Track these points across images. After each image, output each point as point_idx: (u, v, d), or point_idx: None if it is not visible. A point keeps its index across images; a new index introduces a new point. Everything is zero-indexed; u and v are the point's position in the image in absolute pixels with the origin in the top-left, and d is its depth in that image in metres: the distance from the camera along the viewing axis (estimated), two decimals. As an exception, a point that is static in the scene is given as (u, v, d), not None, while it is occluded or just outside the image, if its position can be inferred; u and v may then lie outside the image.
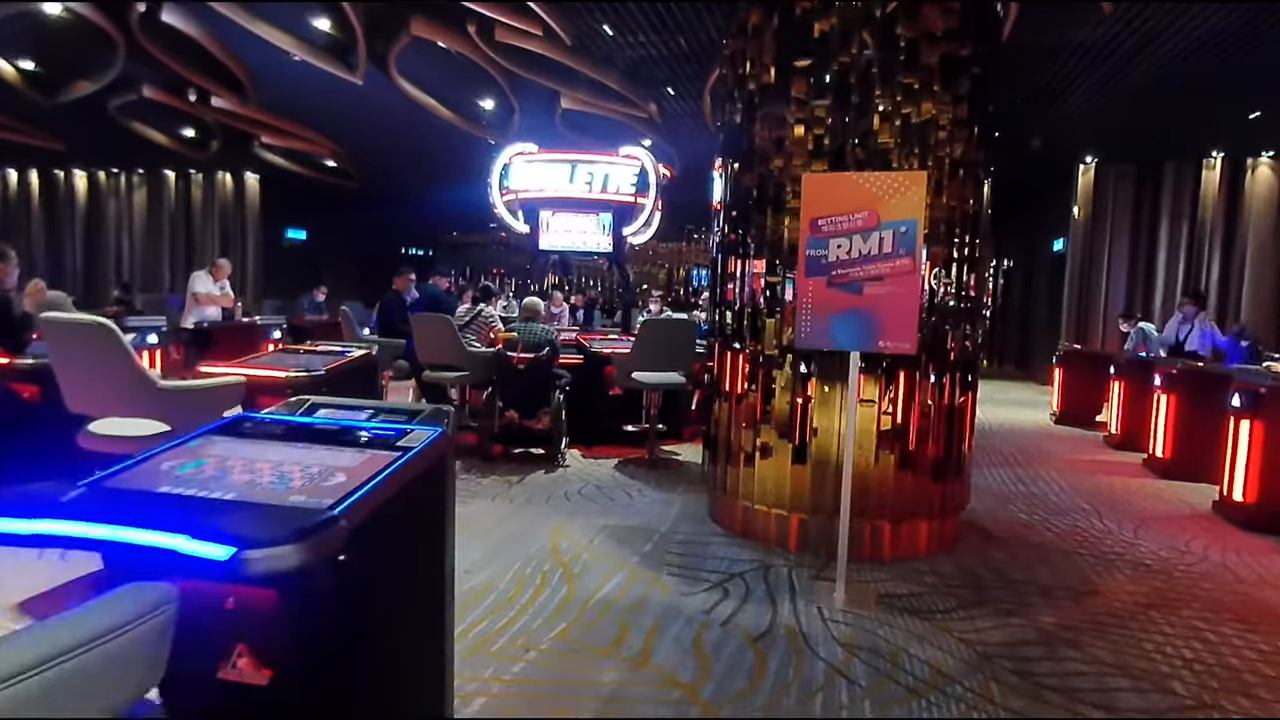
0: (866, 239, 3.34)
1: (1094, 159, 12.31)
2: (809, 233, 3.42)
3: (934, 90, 3.99)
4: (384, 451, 1.76)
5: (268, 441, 1.82)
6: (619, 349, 6.50)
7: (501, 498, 5.03)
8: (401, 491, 1.65)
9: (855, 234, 3.35)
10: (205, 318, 8.82)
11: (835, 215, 3.37)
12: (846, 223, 3.36)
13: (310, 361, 4.11)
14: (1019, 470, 6.49)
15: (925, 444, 4.07)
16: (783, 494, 4.17)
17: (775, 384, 4.18)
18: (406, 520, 1.75)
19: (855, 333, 3.38)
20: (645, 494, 5.26)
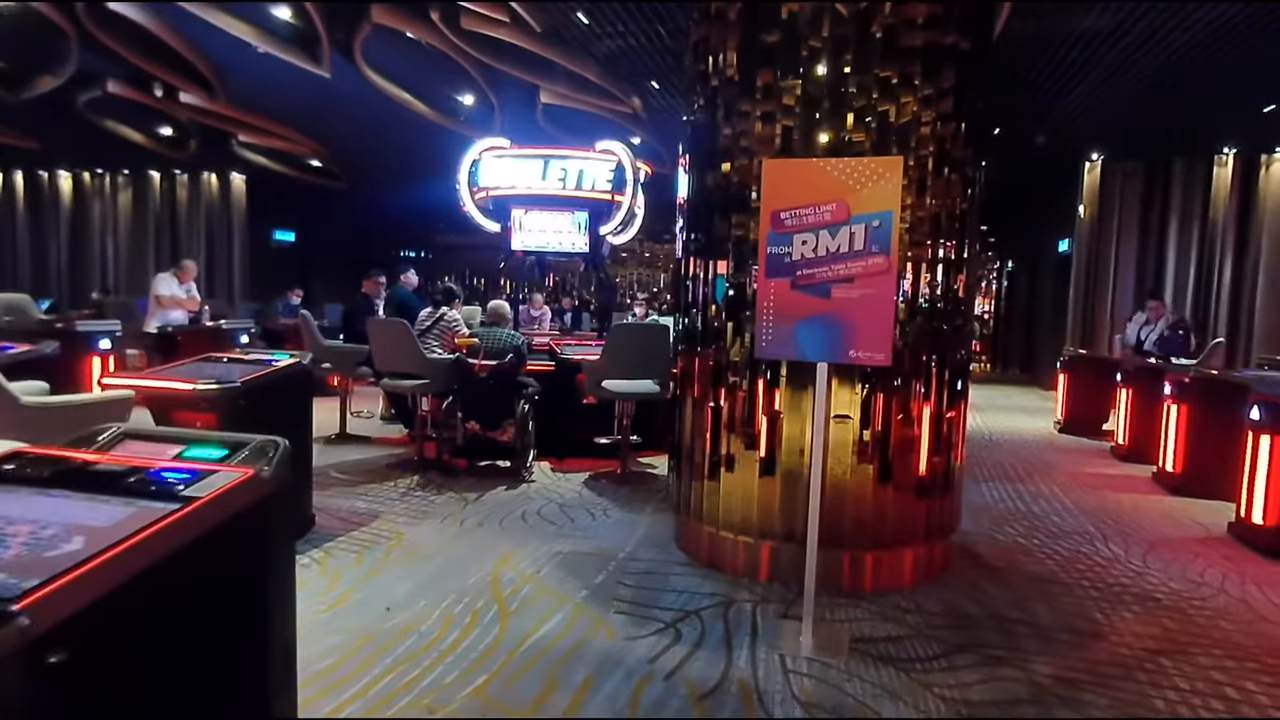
0: (835, 235, 2.93)
1: (1100, 156, 11.85)
2: (769, 227, 3.01)
3: (915, 83, 3.58)
4: (158, 504, 1.36)
5: (21, 488, 1.43)
6: (591, 356, 6.09)
7: (452, 519, 4.63)
8: (171, 558, 1.27)
9: (822, 229, 2.94)
10: (169, 321, 8.48)
11: (799, 207, 2.96)
12: (812, 215, 2.95)
13: (228, 372, 3.72)
14: (1019, 486, 6.05)
15: (909, 461, 3.66)
16: (750, 518, 3.75)
17: (740, 392, 3.77)
18: (184, 595, 1.36)
19: (823, 342, 2.97)
20: (610, 514, 4.86)
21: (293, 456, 1.77)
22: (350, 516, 4.59)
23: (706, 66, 3.95)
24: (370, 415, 7.41)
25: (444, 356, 5.92)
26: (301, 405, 4.13)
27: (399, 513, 4.72)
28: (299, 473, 4.19)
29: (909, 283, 3.61)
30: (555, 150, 6.98)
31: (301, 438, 4.16)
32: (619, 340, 5.62)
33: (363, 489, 5.25)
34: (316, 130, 11.94)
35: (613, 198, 7.00)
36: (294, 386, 4.02)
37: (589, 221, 7.07)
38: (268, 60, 8.11)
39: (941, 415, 3.73)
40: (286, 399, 3.99)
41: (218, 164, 15.43)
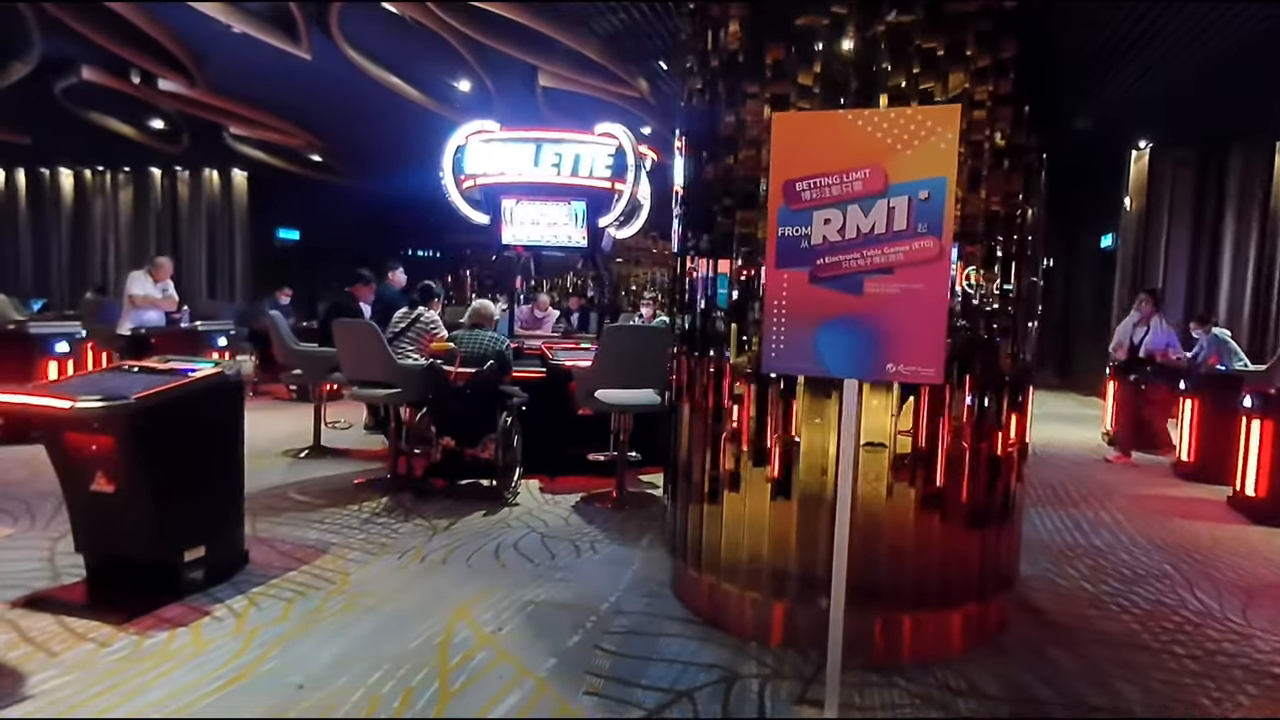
0: (868, 210, 2.21)
1: (1149, 143, 10.95)
2: (781, 200, 2.30)
3: (966, 54, 2.83)
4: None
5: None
6: (585, 361, 5.40)
7: (413, 554, 3.96)
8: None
9: (851, 203, 2.23)
10: (144, 322, 7.93)
11: (820, 175, 2.25)
12: (837, 185, 2.23)
13: (130, 385, 3.07)
14: (1073, 511, 5.27)
15: (958, 497, 2.92)
16: (759, 553, 3.03)
17: (748, 399, 3.04)
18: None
19: (852, 352, 2.25)
20: (599, 548, 4.16)
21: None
22: (294, 551, 3.94)
23: (706, 41, 3.25)
24: (347, 425, 6.79)
25: (419, 362, 5.27)
26: (224, 424, 3.47)
27: (353, 545, 4.06)
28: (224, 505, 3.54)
29: (959, 278, 2.87)
30: (548, 133, 6.29)
31: (225, 464, 3.52)
32: (613, 344, 4.93)
33: (320, 514, 4.61)
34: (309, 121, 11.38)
35: (612, 186, 6.30)
36: (213, 402, 3.37)
37: (586, 212, 6.37)
38: (246, 43, 7.53)
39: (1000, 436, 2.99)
40: (203, 417, 3.34)
41: (217, 160, 14.96)
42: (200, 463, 3.36)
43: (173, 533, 3.24)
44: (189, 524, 3.31)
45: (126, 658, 2.76)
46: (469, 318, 5.43)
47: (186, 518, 3.29)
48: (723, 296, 3.15)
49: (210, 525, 3.43)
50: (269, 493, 5.06)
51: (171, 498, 3.20)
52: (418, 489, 5.12)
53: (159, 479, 3.15)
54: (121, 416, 2.93)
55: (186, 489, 3.28)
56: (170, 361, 3.53)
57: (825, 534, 2.84)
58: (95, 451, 3.11)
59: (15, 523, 4.28)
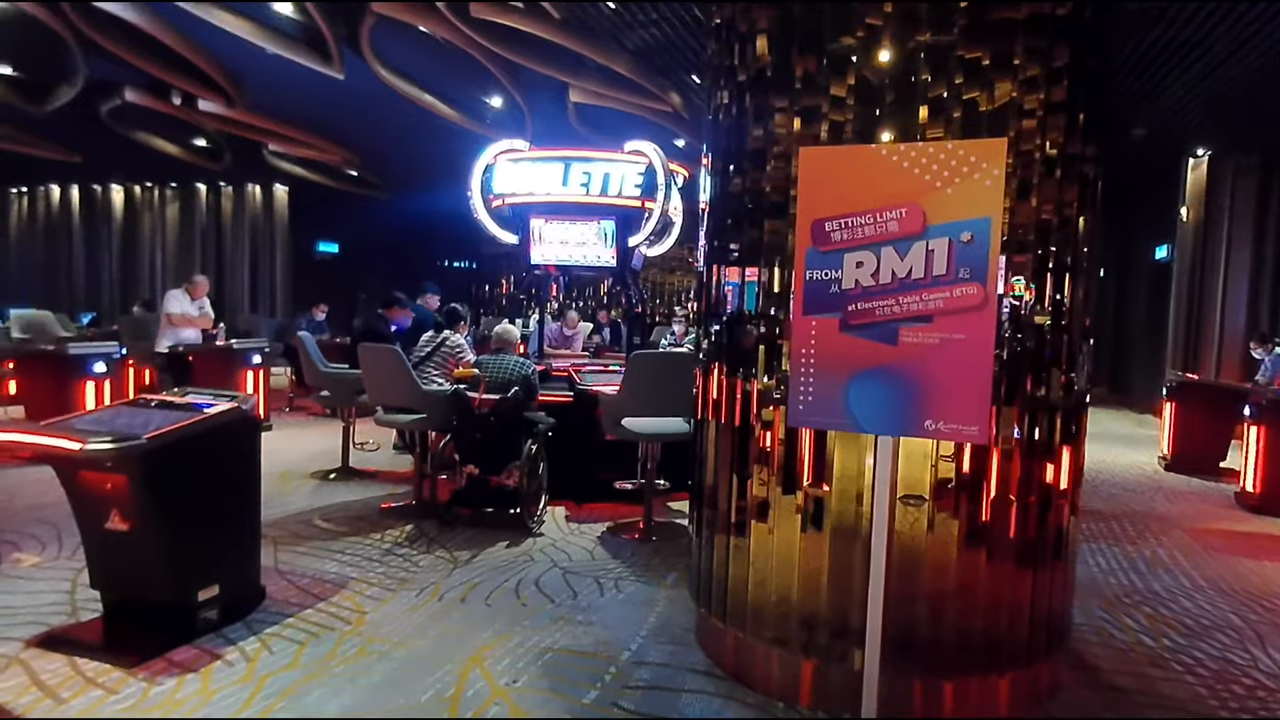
0: (905, 253, 2.03)
1: (1207, 151, 10.46)
2: (809, 242, 2.13)
3: (1014, 63, 2.63)
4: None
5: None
6: (613, 385, 5.26)
7: (431, 591, 3.86)
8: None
9: (886, 244, 2.05)
10: (181, 341, 8.01)
11: (852, 215, 2.08)
12: (871, 226, 2.06)
13: (145, 422, 3.02)
14: (1130, 549, 4.96)
15: (1005, 550, 2.70)
16: (788, 594, 2.84)
17: (777, 422, 2.85)
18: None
19: (886, 407, 2.08)
20: (623, 586, 4.01)
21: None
22: (312, 586, 3.87)
23: (733, 54, 3.10)
24: (375, 447, 6.75)
25: (443, 388, 5.18)
26: (240, 459, 3.41)
27: (371, 580, 3.97)
28: (240, 542, 3.48)
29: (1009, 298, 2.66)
30: (577, 152, 6.19)
31: (241, 501, 3.45)
32: (639, 371, 4.78)
33: (341, 544, 4.54)
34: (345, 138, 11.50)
35: (642, 204, 6.17)
36: (229, 438, 3.31)
37: (616, 231, 6.25)
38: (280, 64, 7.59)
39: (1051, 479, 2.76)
40: (219, 453, 3.27)
41: (259, 176, 15.26)
42: (215, 500, 3.30)
43: (186, 573, 3.18)
44: (203, 563, 3.25)
45: (133, 707, 2.69)
46: (493, 341, 5.33)
47: (201, 557, 3.23)
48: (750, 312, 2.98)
49: (225, 563, 3.37)
50: (294, 518, 5.02)
51: (185, 537, 3.15)
52: (442, 517, 5.03)
53: (172, 518, 3.09)
54: (133, 457, 2.88)
55: (201, 528, 3.22)
56: (189, 395, 3.48)
57: (860, 573, 2.65)
58: (109, 490, 3.07)
59: (43, 550, 4.29)
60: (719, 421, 3.06)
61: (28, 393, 6.82)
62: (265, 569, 3.95)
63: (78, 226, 17.51)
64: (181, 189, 16.66)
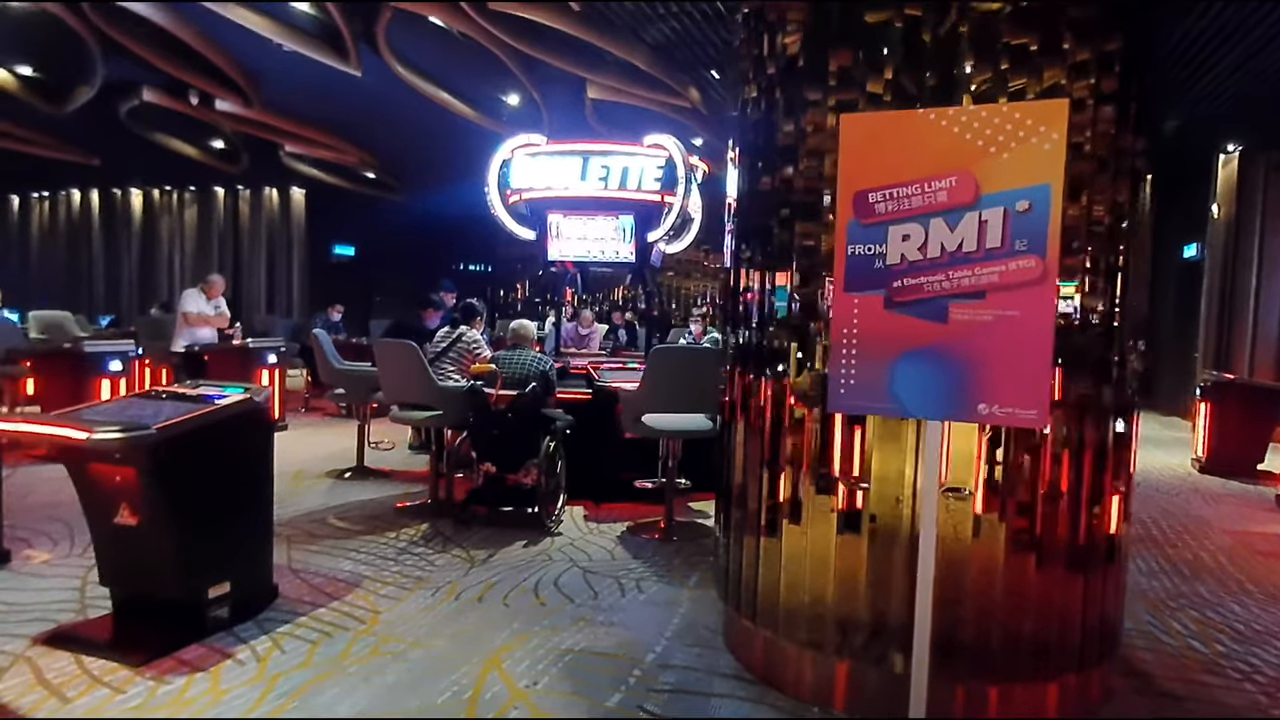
0: (955, 224, 1.90)
1: (1239, 146, 10.20)
2: (851, 214, 2.00)
3: (1063, 48, 2.48)
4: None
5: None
6: (632, 382, 5.14)
7: (448, 590, 3.75)
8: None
9: (935, 215, 1.92)
10: (197, 340, 7.98)
11: (898, 185, 1.95)
12: (918, 196, 1.93)
13: (156, 413, 2.93)
14: (1171, 552, 4.77)
15: (1055, 550, 2.55)
16: (822, 596, 2.70)
17: (810, 421, 2.71)
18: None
19: (934, 389, 1.94)
20: (644, 586, 3.88)
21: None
22: (325, 585, 3.76)
23: (762, 46, 2.98)
24: (391, 446, 6.67)
25: (460, 384, 5.08)
26: (252, 453, 3.31)
27: (386, 580, 3.86)
28: (252, 538, 3.38)
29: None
30: (596, 145, 6.08)
31: (253, 495, 3.35)
32: (661, 367, 4.65)
33: (356, 543, 4.44)
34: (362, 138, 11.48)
35: (662, 199, 6.05)
36: (241, 431, 3.21)
37: (635, 227, 6.14)
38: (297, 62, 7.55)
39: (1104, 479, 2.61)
40: (231, 446, 3.18)
41: (276, 178, 15.30)
42: (227, 494, 3.21)
43: (197, 569, 3.08)
44: (214, 559, 3.15)
45: (140, 706, 2.59)
46: (509, 337, 5.23)
47: (211, 553, 3.14)
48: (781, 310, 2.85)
49: (237, 560, 3.27)
50: (308, 517, 4.93)
51: (196, 532, 3.05)
52: (458, 516, 4.92)
53: (183, 513, 3.00)
54: (142, 447, 2.78)
55: (212, 523, 3.12)
56: (200, 387, 3.40)
57: (900, 573, 2.51)
58: (118, 483, 2.98)
59: (54, 546, 4.22)
60: (749, 419, 2.93)
61: (44, 391, 6.80)
62: (278, 567, 3.85)
63: (98, 230, 17.65)
64: (199, 192, 16.76)
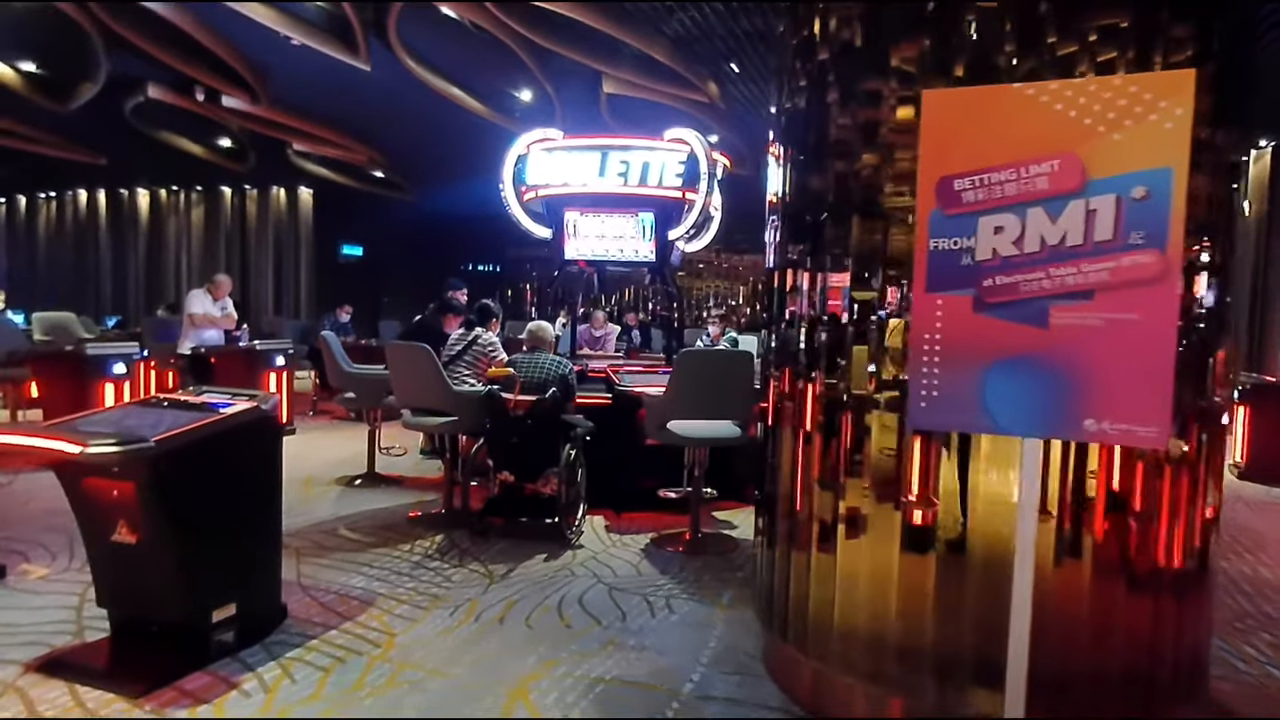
0: (1058, 214, 1.66)
1: (1270, 141, 9.91)
2: (934, 203, 1.77)
3: (1156, 29, 2.22)
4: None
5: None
6: (655, 387, 4.92)
7: (466, 609, 3.52)
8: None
9: (1033, 205, 1.68)
10: (203, 341, 7.78)
11: (990, 170, 1.71)
12: (1014, 183, 1.69)
13: (156, 422, 2.72)
14: (1223, 563, 4.50)
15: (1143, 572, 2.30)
16: (883, 619, 2.46)
17: (868, 443, 2.48)
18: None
19: (1033, 403, 1.70)
20: (675, 605, 3.65)
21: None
22: (336, 603, 3.55)
23: (812, 31, 2.73)
24: (402, 451, 6.46)
25: (476, 389, 4.87)
26: (259, 465, 3.10)
27: (401, 597, 3.65)
28: (259, 556, 3.16)
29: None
30: (615, 139, 5.86)
31: (260, 510, 3.14)
32: (688, 371, 4.43)
33: (368, 556, 4.22)
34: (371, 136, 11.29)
35: (683, 195, 5.83)
36: (247, 441, 3.00)
37: (655, 224, 5.91)
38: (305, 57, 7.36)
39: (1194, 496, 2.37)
40: (236, 458, 2.97)
41: (284, 178, 15.14)
42: (233, 510, 2.99)
43: (200, 591, 2.87)
44: (218, 580, 2.94)
45: (136, 745, 2.38)
46: (526, 340, 5.01)
47: (216, 573, 2.92)
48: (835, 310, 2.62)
49: (243, 580, 3.06)
50: (318, 528, 4.72)
51: (199, 551, 2.84)
52: (474, 527, 4.70)
53: (185, 531, 2.78)
54: (141, 461, 2.57)
55: (217, 541, 2.91)
56: (204, 394, 3.18)
57: (976, 599, 2.27)
58: (115, 498, 2.77)
59: (53, 560, 4.02)
60: (798, 427, 2.69)
61: (46, 395, 6.62)
62: (287, 583, 3.64)
63: (105, 231, 17.52)
64: (206, 192, 16.61)
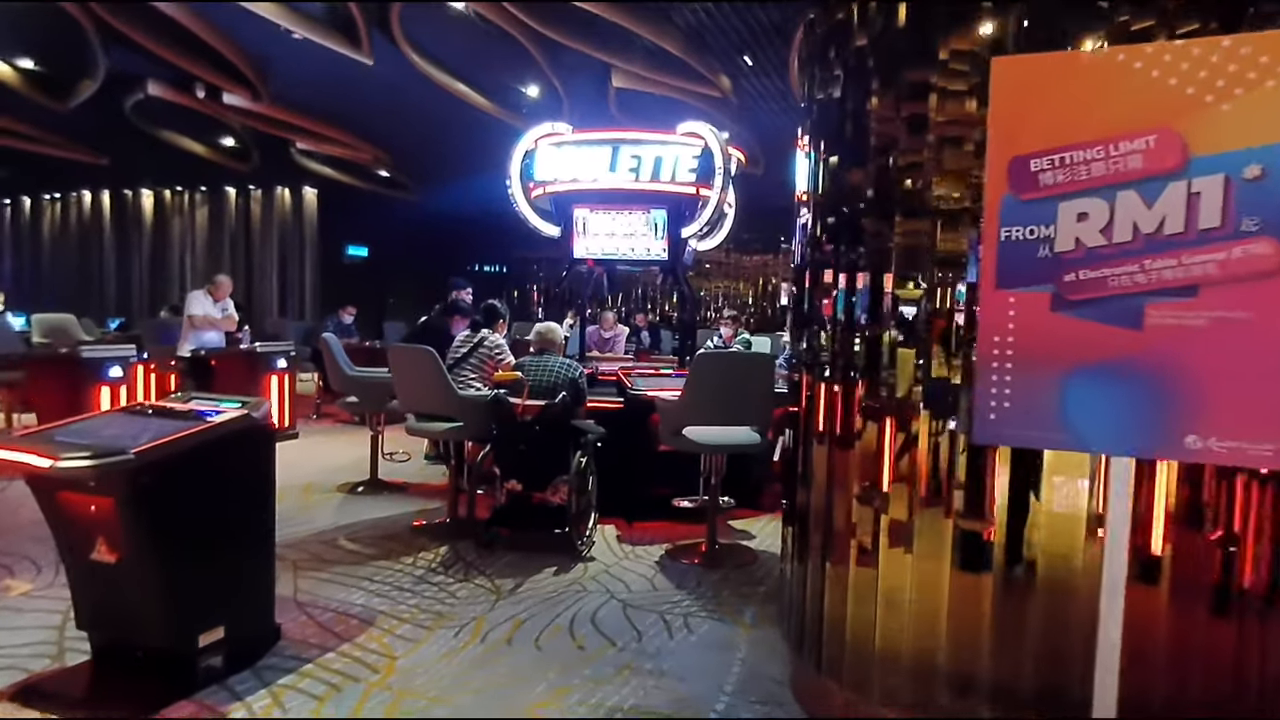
0: (1154, 198, 1.44)
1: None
2: (1005, 189, 1.54)
3: None
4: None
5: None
6: (669, 391, 4.70)
7: (472, 629, 3.31)
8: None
9: (1124, 187, 1.46)
10: (204, 344, 7.59)
11: (1072, 147, 1.48)
12: (1101, 162, 1.47)
13: (125, 434, 2.51)
14: None
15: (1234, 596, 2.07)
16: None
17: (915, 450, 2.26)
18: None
19: (1125, 417, 1.48)
20: (694, 624, 3.43)
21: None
22: (334, 622, 3.34)
23: (849, 15, 2.50)
24: (406, 457, 6.26)
25: (482, 393, 4.66)
26: (250, 476, 2.89)
27: (403, 615, 3.44)
28: (249, 575, 2.96)
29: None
30: (626, 133, 5.65)
31: (251, 526, 2.93)
32: (705, 374, 4.21)
33: (369, 569, 4.02)
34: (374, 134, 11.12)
35: (697, 191, 5.61)
36: (237, 452, 2.79)
37: (668, 221, 5.69)
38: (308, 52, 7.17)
39: None
40: (225, 470, 2.76)
41: (288, 178, 14.99)
42: (221, 526, 2.79)
43: (186, 614, 2.66)
44: (206, 602, 2.73)
45: (112, 787, 2.18)
46: (534, 342, 4.80)
47: (203, 594, 2.72)
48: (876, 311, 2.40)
49: (233, 601, 2.85)
50: (317, 538, 4.52)
51: (184, 571, 2.63)
52: (480, 538, 4.48)
53: (168, 549, 2.58)
54: (119, 475, 2.37)
55: (203, 559, 2.70)
56: (192, 401, 2.98)
57: (1039, 627, 2.05)
58: (94, 514, 2.57)
59: (38, 574, 3.83)
60: (834, 432, 2.47)
61: (39, 398, 6.44)
62: (283, 600, 3.45)
63: (109, 232, 17.41)
64: (211, 193, 16.48)
